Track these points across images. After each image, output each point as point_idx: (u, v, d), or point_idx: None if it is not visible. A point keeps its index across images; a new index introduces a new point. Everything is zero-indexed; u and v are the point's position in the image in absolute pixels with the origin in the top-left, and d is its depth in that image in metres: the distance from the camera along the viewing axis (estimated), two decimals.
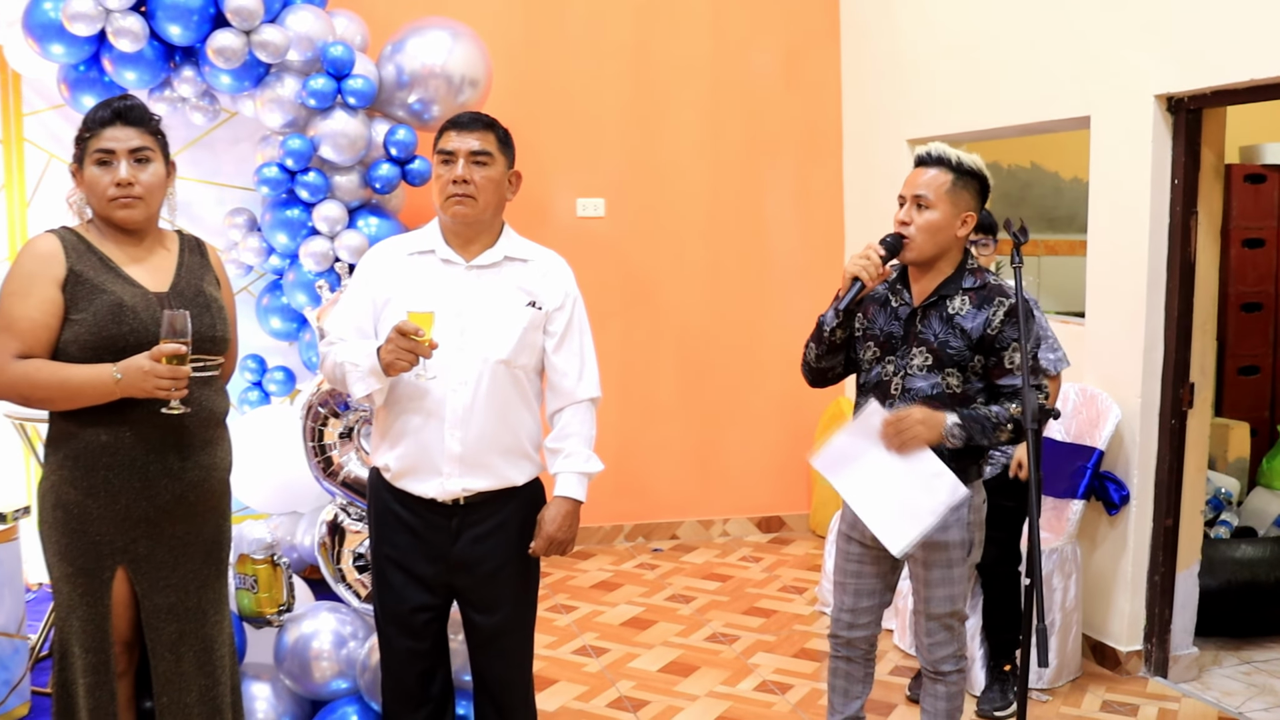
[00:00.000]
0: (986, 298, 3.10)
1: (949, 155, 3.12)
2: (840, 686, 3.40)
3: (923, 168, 3.13)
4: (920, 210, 3.08)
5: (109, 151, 2.79)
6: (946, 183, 3.09)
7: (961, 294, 3.11)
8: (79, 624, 2.83)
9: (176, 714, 2.92)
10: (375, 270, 3.10)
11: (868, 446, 3.02)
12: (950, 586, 3.17)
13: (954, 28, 5.65)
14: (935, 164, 3.11)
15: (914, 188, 3.10)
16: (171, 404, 2.70)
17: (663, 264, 6.27)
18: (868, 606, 3.32)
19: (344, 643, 3.64)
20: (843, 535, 3.33)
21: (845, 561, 3.32)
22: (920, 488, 2.99)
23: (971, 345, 3.06)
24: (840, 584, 3.35)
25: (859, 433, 3.05)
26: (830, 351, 3.21)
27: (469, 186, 3.00)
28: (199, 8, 4.75)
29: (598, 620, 5.18)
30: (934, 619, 3.21)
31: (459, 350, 2.99)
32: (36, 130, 5.45)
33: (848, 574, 3.32)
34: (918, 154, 3.18)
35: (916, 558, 3.17)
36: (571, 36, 6.18)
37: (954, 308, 3.09)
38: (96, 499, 2.78)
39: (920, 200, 3.07)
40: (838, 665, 3.39)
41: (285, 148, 4.90)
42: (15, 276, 2.79)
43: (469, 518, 3.07)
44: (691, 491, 6.47)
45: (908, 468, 2.99)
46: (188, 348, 2.67)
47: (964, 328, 3.07)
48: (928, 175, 3.10)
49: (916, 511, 3.01)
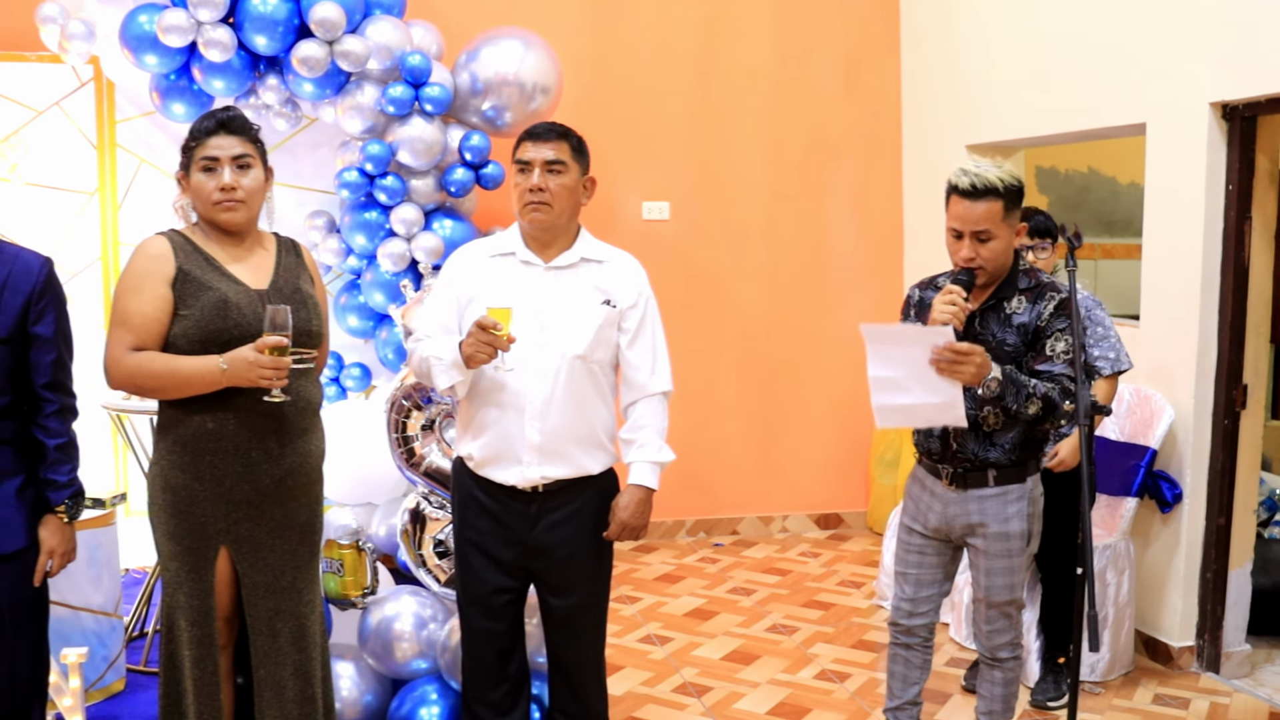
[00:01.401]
0: (1040, 294, 3.25)
1: (995, 182, 3.17)
2: (899, 673, 3.55)
3: (973, 200, 3.17)
4: (983, 243, 3.18)
5: (214, 159, 2.98)
6: (999, 210, 3.18)
7: (1018, 294, 3.26)
8: (185, 599, 3.03)
9: (272, 687, 3.10)
10: (460, 271, 3.29)
11: (916, 346, 3.10)
12: (1010, 576, 3.32)
13: (1011, 36, 5.76)
14: (985, 195, 3.16)
15: (972, 224, 3.17)
16: (273, 392, 2.90)
17: (725, 266, 6.42)
18: (927, 595, 3.47)
19: (424, 624, 3.82)
20: (904, 527, 3.48)
21: (906, 552, 3.48)
22: (934, 403, 3.11)
23: (1026, 340, 3.21)
24: (901, 574, 3.50)
25: (917, 332, 3.16)
26: None
27: (544, 194, 3.18)
28: (284, 19, 4.97)
29: (661, 610, 5.35)
30: (994, 607, 3.36)
31: (539, 346, 3.18)
32: (128, 136, 5.71)
33: (909, 564, 3.47)
34: (961, 185, 3.20)
35: (978, 548, 3.32)
36: (638, 45, 6.36)
37: (1011, 308, 3.24)
38: (202, 482, 2.97)
39: (981, 235, 3.18)
40: (897, 652, 3.54)
41: (365, 153, 5.11)
42: (129, 275, 2.99)
43: (547, 504, 3.26)
44: (752, 488, 6.63)
45: (934, 383, 3.08)
46: (288, 340, 2.86)
47: (1019, 324, 3.22)
48: (981, 208, 3.16)
49: (915, 415, 3.19)
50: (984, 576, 3.35)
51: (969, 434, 3.27)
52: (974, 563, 3.38)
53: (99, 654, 4.21)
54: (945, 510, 3.36)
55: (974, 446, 3.27)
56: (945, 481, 3.35)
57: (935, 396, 3.10)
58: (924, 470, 3.44)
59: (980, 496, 3.30)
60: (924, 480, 3.43)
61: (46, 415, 3.04)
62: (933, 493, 3.39)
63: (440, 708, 3.74)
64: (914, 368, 3.10)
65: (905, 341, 3.14)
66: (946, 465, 3.33)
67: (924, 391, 3.11)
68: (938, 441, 3.34)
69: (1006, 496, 3.30)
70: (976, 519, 3.31)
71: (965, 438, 3.28)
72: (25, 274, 3.00)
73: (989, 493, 3.29)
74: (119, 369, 2.96)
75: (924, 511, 3.42)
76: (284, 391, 2.93)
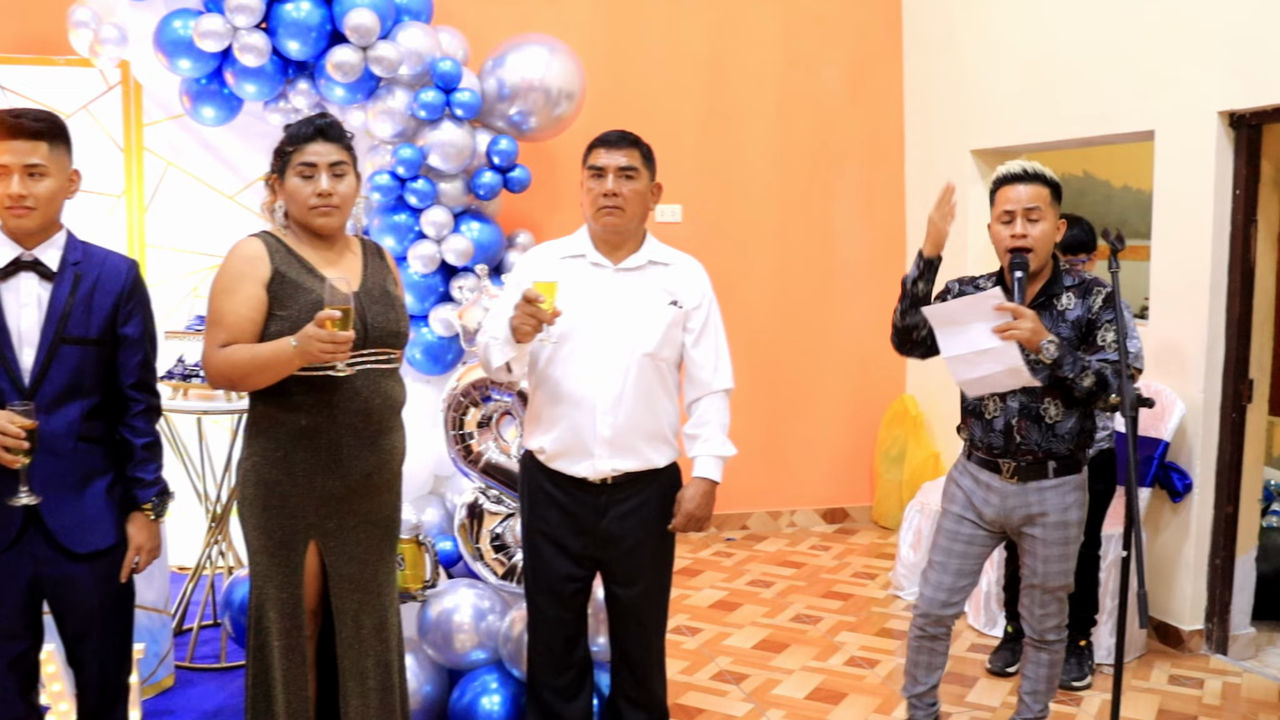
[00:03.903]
0: (1087, 289, 3.47)
1: (1043, 170, 3.44)
2: (924, 661, 3.70)
3: (1021, 184, 3.41)
4: (1033, 223, 3.38)
5: (311, 165, 3.06)
6: (1047, 195, 3.43)
7: (1066, 292, 3.44)
8: (275, 591, 3.11)
9: (356, 677, 3.19)
10: (530, 272, 3.41)
11: (972, 317, 3.30)
12: (1065, 562, 3.50)
13: (1015, 43, 5.95)
14: (1034, 180, 3.42)
15: (1025, 202, 3.39)
16: (338, 366, 2.94)
17: (734, 267, 6.57)
18: (964, 586, 3.63)
19: (483, 616, 3.94)
20: (954, 517, 3.62)
21: (953, 542, 3.61)
22: (999, 371, 3.30)
23: (1080, 333, 3.40)
24: (942, 564, 3.62)
25: (971, 304, 3.32)
26: (913, 305, 3.49)
27: (618, 199, 3.32)
28: (317, 25, 5.07)
29: (686, 603, 5.49)
30: (1049, 592, 3.53)
31: (609, 344, 3.32)
32: (155, 140, 5.77)
33: (953, 554, 3.60)
34: (1014, 171, 3.44)
35: (1036, 536, 3.48)
36: (651, 52, 6.50)
37: (1062, 304, 3.43)
38: (294, 478, 3.07)
39: (1032, 214, 3.38)
40: (922, 643, 3.68)
41: (397, 156, 5.22)
42: (224, 276, 3.07)
43: (615, 496, 3.40)
44: (761, 484, 6.78)
45: (997, 353, 3.28)
46: (347, 314, 2.86)
47: (1073, 319, 3.41)
48: (1032, 190, 3.41)
49: (993, 383, 3.36)
50: (1040, 564, 3.51)
51: (1033, 426, 3.43)
52: (1030, 551, 3.53)
53: (151, 650, 4.29)
54: (1004, 503, 3.51)
55: (1038, 438, 3.44)
56: (1006, 475, 3.49)
57: (999, 365, 3.29)
58: (977, 465, 3.58)
59: (1040, 488, 3.46)
60: (977, 475, 3.57)
61: (133, 415, 3.12)
62: (989, 486, 3.53)
63: (501, 696, 3.86)
64: (976, 341, 3.30)
65: (961, 318, 3.33)
66: (1009, 459, 3.48)
67: (989, 361, 3.30)
68: (1000, 436, 3.48)
69: (1065, 487, 3.47)
70: (1037, 510, 3.47)
71: (1029, 430, 3.43)
72: (114, 276, 3.09)
73: (1049, 484, 3.46)
74: (211, 365, 3.05)
75: (979, 504, 3.56)
76: (372, 393, 3.05)
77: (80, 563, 3.02)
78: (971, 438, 3.58)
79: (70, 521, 3.00)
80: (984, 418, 3.51)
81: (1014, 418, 3.44)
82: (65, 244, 3.05)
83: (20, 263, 2.97)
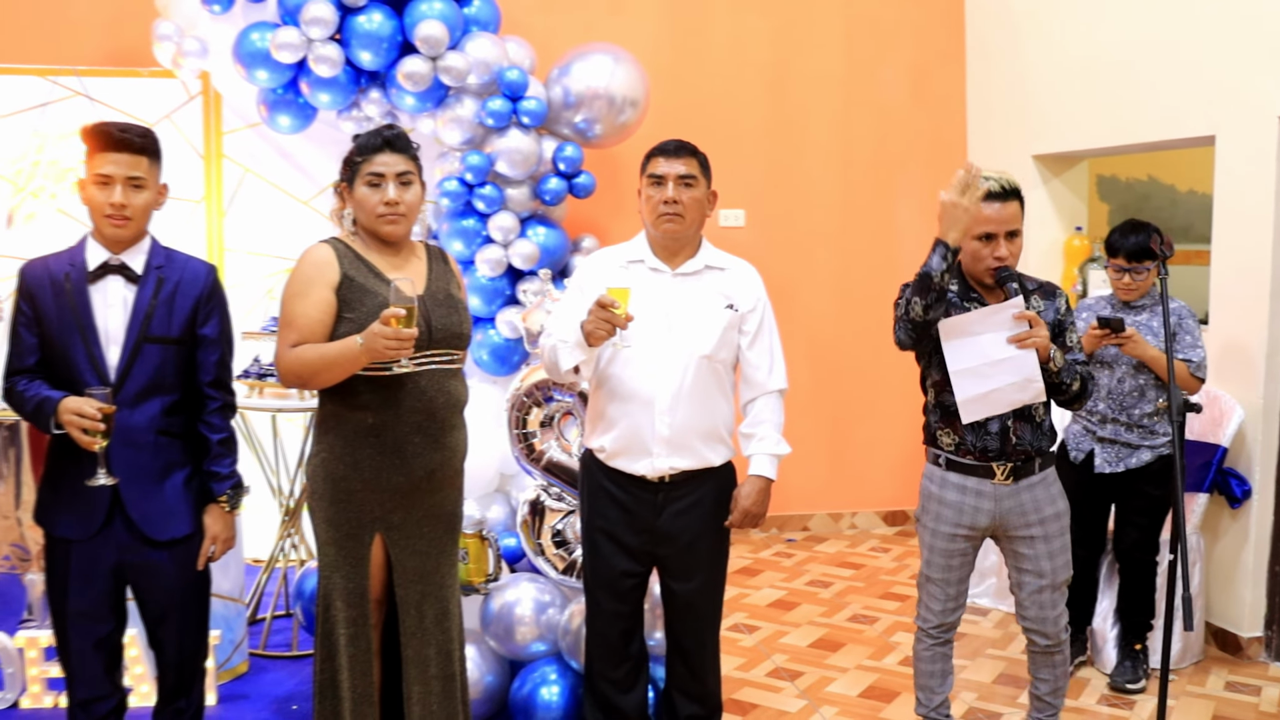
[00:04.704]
0: (1050, 291, 3.54)
1: (1016, 184, 3.46)
2: (938, 671, 3.72)
3: (1004, 201, 3.41)
4: (1012, 239, 3.43)
5: (379, 175, 3.20)
6: (1018, 210, 3.45)
7: (1032, 295, 3.51)
8: (342, 581, 3.25)
9: (418, 664, 3.32)
10: (592, 276, 3.53)
11: (989, 330, 3.33)
12: (1066, 552, 3.56)
13: (1077, 48, 5.97)
14: (1012, 196, 3.43)
15: (1006, 223, 3.40)
16: (401, 362, 3.08)
17: (797, 271, 6.66)
18: (965, 589, 3.68)
19: (544, 609, 4.06)
20: (945, 536, 3.56)
21: (950, 559, 3.59)
22: (1013, 383, 3.33)
23: (1051, 335, 3.43)
24: (944, 579, 3.61)
25: (988, 315, 3.35)
26: (939, 300, 3.35)
27: (678, 206, 3.43)
28: (388, 36, 5.24)
29: (745, 601, 5.59)
30: (1057, 588, 3.55)
31: (667, 346, 3.43)
32: (233, 147, 5.98)
33: (953, 568, 3.60)
34: (991, 188, 3.40)
35: (1037, 535, 3.50)
36: (714, 59, 6.60)
37: (1033, 308, 3.46)
38: (361, 473, 3.20)
39: (1012, 233, 3.42)
40: (936, 651, 3.70)
41: (465, 163, 5.36)
42: (295, 280, 3.22)
43: (672, 493, 3.50)
44: (822, 486, 6.86)
45: (1013, 362, 3.31)
46: (410, 313, 2.98)
47: (1045, 320, 3.44)
48: (1013, 207, 3.43)
49: (997, 401, 3.37)
50: (1047, 561, 3.52)
51: (1026, 425, 3.46)
52: (1032, 553, 3.52)
53: (227, 637, 4.47)
54: (997, 506, 3.50)
55: (1030, 437, 3.47)
56: (1001, 477, 3.48)
57: (1014, 375, 3.32)
58: (961, 474, 3.52)
59: (1030, 485, 3.50)
60: (963, 484, 3.52)
61: (210, 411, 3.30)
62: (979, 493, 3.50)
63: (560, 687, 3.98)
64: (989, 352, 3.33)
65: (976, 328, 3.35)
66: (1004, 461, 3.47)
67: (1002, 374, 3.33)
68: (995, 438, 3.46)
69: (1047, 479, 3.54)
70: (1031, 507, 3.49)
71: (1023, 429, 3.46)
72: (194, 280, 3.27)
73: (1036, 479, 3.51)
74: (283, 363, 3.19)
75: (970, 514, 3.52)
76: (435, 391, 3.18)
77: (160, 549, 3.20)
78: (959, 444, 3.51)
79: (151, 511, 3.17)
80: (975, 422, 3.46)
81: (1010, 419, 3.45)
82: (150, 249, 3.23)
83: (108, 266, 3.16)
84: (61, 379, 3.12)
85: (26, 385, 3.13)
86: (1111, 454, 4.53)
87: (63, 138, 5.80)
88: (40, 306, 3.14)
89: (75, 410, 2.99)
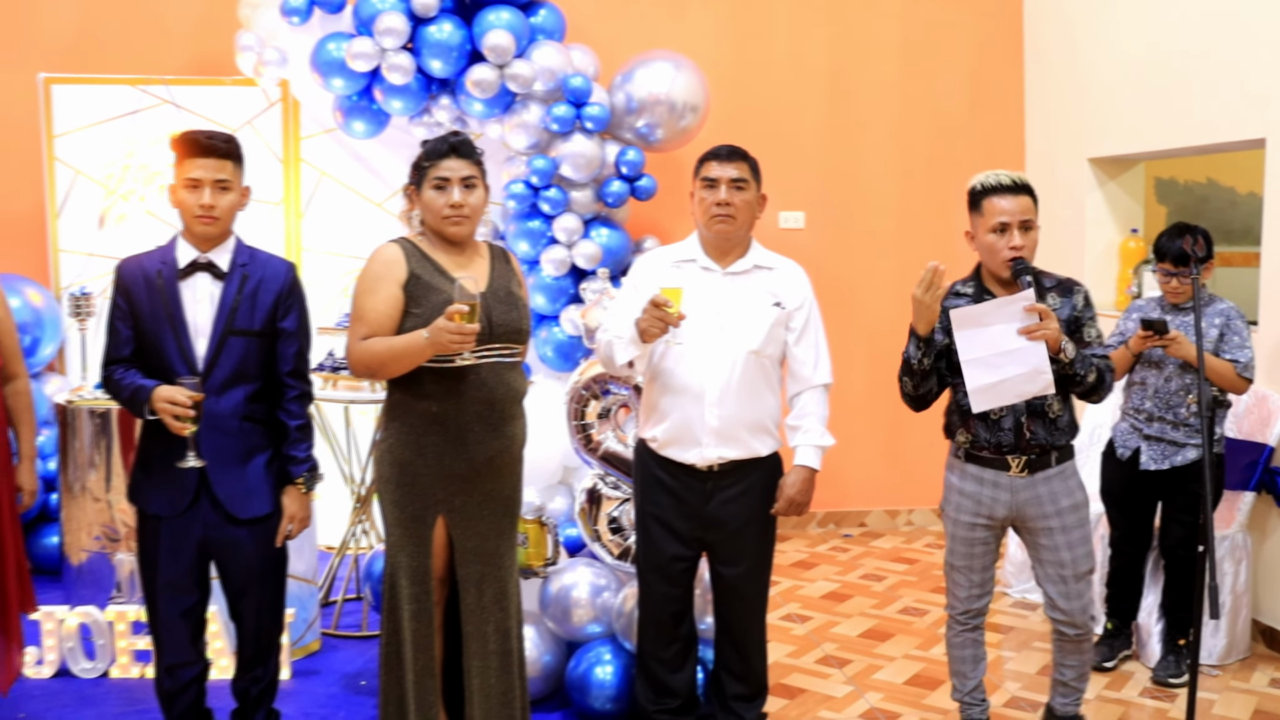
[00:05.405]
0: (1068, 288, 3.62)
1: (1026, 179, 3.59)
2: (970, 656, 3.87)
3: (1015, 194, 3.54)
4: (1026, 233, 3.54)
5: (445, 179, 3.40)
6: (1031, 203, 3.57)
7: (1049, 292, 3.60)
8: (406, 560, 3.45)
9: (478, 640, 3.51)
10: (646, 275, 3.72)
11: (1000, 321, 3.43)
12: (1087, 543, 3.67)
13: (1134, 51, 6.04)
14: (1023, 189, 3.56)
15: (1020, 214, 3.52)
16: (464, 355, 3.28)
17: (856, 272, 6.80)
18: (990, 576, 3.81)
19: (599, 592, 4.25)
20: (965, 525, 3.73)
21: (971, 547, 3.74)
22: (1022, 374, 3.42)
23: (1068, 331, 3.53)
24: (967, 567, 3.77)
25: (1000, 306, 3.45)
26: (925, 378, 3.62)
27: (730, 208, 3.61)
28: (458, 45, 5.48)
29: (799, 593, 5.74)
30: (1080, 578, 3.67)
31: (717, 342, 3.60)
32: (311, 152, 6.26)
33: (975, 557, 3.75)
34: (1003, 182, 3.56)
35: (1055, 526, 3.62)
36: (775, 65, 6.76)
37: (1049, 303, 3.56)
38: (425, 459, 3.40)
39: (1026, 224, 3.53)
40: (966, 638, 3.85)
41: (531, 167, 5.58)
42: (365, 278, 3.43)
43: (721, 482, 3.68)
44: (879, 483, 7.00)
45: (1022, 353, 3.41)
46: (473, 309, 3.19)
47: (1062, 318, 3.54)
48: (1025, 199, 3.55)
49: (1006, 391, 3.46)
50: (1066, 551, 3.64)
51: (1039, 421, 3.57)
52: (1051, 544, 3.65)
53: (300, 616, 4.71)
54: (1014, 498, 3.63)
55: (1044, 432, 3.58)
56: (1016, 470, 3.61)
57: (1023, 366, 3.42)
58: (979, 466, 3.67)
59: (1047, 478, 3.61)
60: (981, 476, 3.67)
61: (289, 399, 3.53)
62: (996, 484, 3.64)
63: (614, 667, 4.16)
64: (998, 343, 3.43)
65: (988, 319, 3.45)
66: (1018, 455, 3.60)
67: (1011, 364, 3.42)
68: (1010, 434, 3.58)
69: (1066, 473, 3.64)
70: (1048, 499, 3.61)
71: (1036, 425, 3.57)
72: (275, 276, 3.51)
73: (1053, 473, 3.61)
74: (353, 355, 3.41)
75: (988, 506, 3.67)
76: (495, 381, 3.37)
77: (242, 527, 3.44)
78: (974, 439, 3.65)
79: (235, 491, 3.42)
80: (989, 418, 3.59)
81: (1023, 416, 3.55)
82: (235, 248, 3.48)
83: (197, 264, 3.41)
84: (154, 368, 3.39)
85: (123, 374, 3.40)
86: (1157, 451, 4.62)
87: (151, 143, 6.11)
88: (135, 301, 3.40)
89: (168, 398, 3.25)
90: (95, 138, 6.13)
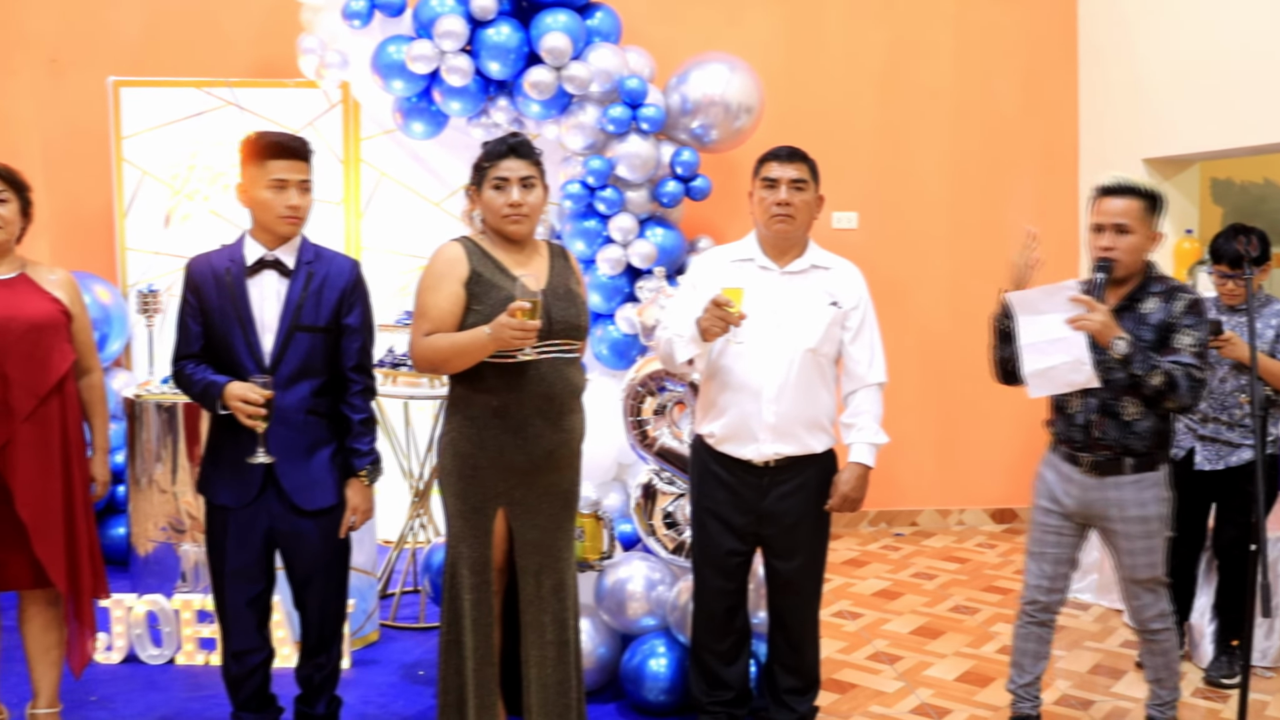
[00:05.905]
0: (1170, 295, 3.60)
1: (1135, 183, 3.60)
2: (1032, 650, 3.89)
3: (1113, 197, 3.59)
4: (1121, 235, 3.56)
5: (504, 179, 3.47)
6: (1138, 207, 3.57)
7: (1151, 297, 3.60)
8: (467, 551, 3.53)
9: (535, 629, 3.59)
10: (704, 274, 3.78)
11: (1050, 307, 3.49)
12: (1151, 555, 3.66)
13: (1190, 52, 6.02)
14: (1127, 193, 3.58)
15: (1113, 216, 3.56)
16: (524, 350, 3.36)
17: (909, 272, 6.82)
18: (1063, 573, 3.83)
19: (654, 586, 4.31)
20: (1041, 509, 3.80)
21: (1044, 533, 3.80)
22: (1067, 362, 3.47)
23: (1160, 335, 3.54)
24: (1039, 554, 3.82)
25: (1049, 294, 3.51)
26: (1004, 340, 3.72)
27: (790, 208, 3.66)
28: (515, 47, 5.56)
29: (850, 590, 5.78)
30: (1139, 584, 3.70)
31: (775, 340, 3.66)
32: (370, 152, 6.37)
33: (1046, 544, 3.80)
34: (1106, 184, 3.62)
35: (1117, 530, 3.65)
36: (829, 66, 6.80)
37: (1145, 308, 3.58)
38: (486, 452, 3.48)
39: (1122, 227, 3.55)
40: (1031, 631, 3.88)
41: (587, 167, 5.66)
42: (429, 275, 3.51)
43: (776, 478, 3.73)
44: (931, 483, 7.02)
45: (1067, 343, 3.46)
46: (535, 306, 3.26)
47: (1154, 322, 3.55)
48: (1121, 203, 3.57)
49: (1055, 378, 3.51)
50: (1125, 557, 3.68)
51: (1110, 422, 3.59)
52: (1114, 545, 3.70)
53: (360, 607, 4.81)
54: (1083, 495, 3.68)
55: (1115, 434, 3.59)
56: (1084, 469, 3.66)
57: (1067, 355, 3.46)
58: (1059, 457, 3.75)
59: (1118, 484, 3.62)
60: (1059, 466, 3.74)
61: (353, 394, 3.61)
62: (1069, 479, 3.70)
63: (668, 659, 4.21)
64: (1048, 330, 3.49)
65: (1042, 305, 3.52)
66: (1087, 453, 3.65)
67: (1057, 352, 3.48)
68: (1080, 431, 3.64)
69: (1142, 484, 3.62)
70: (1115, 504, 3.63)
71: (1107, 426, 3.59)
72: (339, 274, 3.60)
73: (1126, 480, 3.62)
74: (416, 350, 3.50)
75: (1060, 495, 3.73)
76: (554, 377, 3.44)
77: (307, 518, 3.53)
78: (1056, 431, 3.75)
79: (300, 483, 3.51)
80: (1066, 412, 3.67)
81: (1093, 413, 3.59)
82: (300, 246, 3.57)
83: (264, 262, 3.51)
84: (223, 363, 3.49)
85: (194, 369, 3.50)
86: (1212, 452, 4.62)
87: (215, 144, 6.25)
88: (204, 298, 3.50)
89: (241, 396, 3.35)
90: (161, 139, 6.28)
